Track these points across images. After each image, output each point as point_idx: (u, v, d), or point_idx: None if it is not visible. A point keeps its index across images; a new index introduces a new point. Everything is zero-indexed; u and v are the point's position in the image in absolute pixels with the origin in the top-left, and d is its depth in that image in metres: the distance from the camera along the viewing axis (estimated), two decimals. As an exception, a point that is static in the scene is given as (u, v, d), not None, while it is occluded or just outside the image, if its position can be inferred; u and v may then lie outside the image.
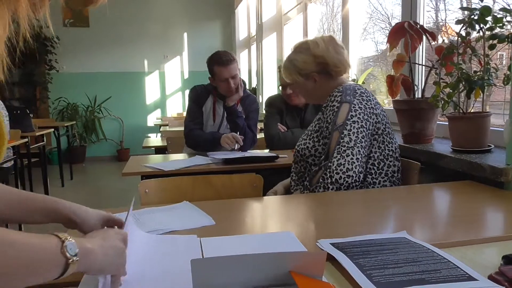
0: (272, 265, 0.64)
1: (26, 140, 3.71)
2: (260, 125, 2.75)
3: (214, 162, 1.99)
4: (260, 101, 5.41)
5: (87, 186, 5.32)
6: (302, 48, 1.63)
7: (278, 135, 2.41)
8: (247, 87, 6.54)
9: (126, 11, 6.88)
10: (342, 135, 1.40)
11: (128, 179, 1.34)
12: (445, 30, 2.72)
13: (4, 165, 3.40)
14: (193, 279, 0.62)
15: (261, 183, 1.44)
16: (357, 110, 1.43)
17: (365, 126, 1.43)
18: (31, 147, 3.98)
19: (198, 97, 2.50)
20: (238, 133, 2.31)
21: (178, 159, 2.14)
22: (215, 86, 2.48)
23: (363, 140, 1.41)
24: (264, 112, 2.62)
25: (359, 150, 1.39)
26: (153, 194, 1.39)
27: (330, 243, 0.86)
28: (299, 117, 2.52)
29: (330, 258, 0.80)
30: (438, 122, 1.90)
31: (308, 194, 1.40)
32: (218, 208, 1.17)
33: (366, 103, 1.46)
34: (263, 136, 2.55)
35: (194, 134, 2.41)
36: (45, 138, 4.57)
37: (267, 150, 2.39)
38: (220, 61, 2.36)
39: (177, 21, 7.15)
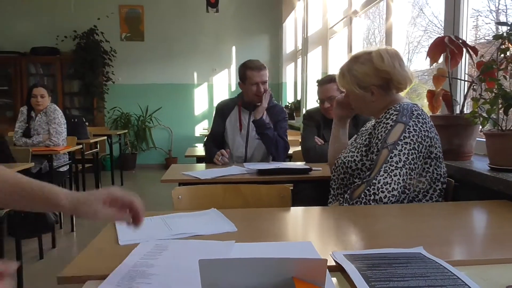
0: (276, 270, 0.68)
1: (81, 146, 3.97)
2: (298, 138, 2.78)
3: (248, 173, 2.04)
4: (303, 113, 5.44)
5: (136, 192, 5.51)
6: (364, 59, 1.56)
7: (315, 147, 2.42)
8: (292, 99, 6.60)
9: (179, 27, 7.21)
10: (392, 154, 1.37)
11: (173, 187, 1.45)
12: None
13: (60, 169, 3.66)
14: (201, 278, 0.67)
15: (289, 194, 1.47)
16: (411, 132, 1.40)
17: (417, 149, 1.40)
18: (85, 153, 4.25)
19: (222, 109, 2.62)
20: (269, 144, 2.40)
21: (216, 168, 2.22)
22: (242, 97, 2.59)
23: (412, 162, 1.39)
24: (302, 124, 2.65)
25: (406, 172, 1.38)
26: (185, 200, 1.47)
27: (344, 254, 0.88)
28: (337, 130, 2.53)
29: (341, 270, 0.82)
30: (479, 139, 1.84)
31: (337, 207, 1.41)
32: (243, 216, 1.21)
33: (421, 126, 1.42)
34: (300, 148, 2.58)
35: (206, 147, 2.59)
36: (98, 145, 4.86)
37: (303, 163, 2.41)
38: (253, 66, 2.49)
39: (227, 35, 7.37)
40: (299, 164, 2.27)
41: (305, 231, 1.16)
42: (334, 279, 0.78)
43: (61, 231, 3.71)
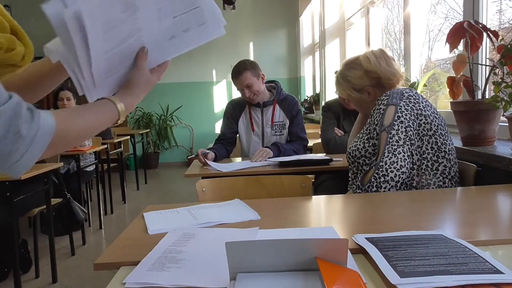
0: (299, 250, 0.71)
1: (105, 146, 4.08)
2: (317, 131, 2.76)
3: (269, 165, 2.07)
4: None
5: (159, 190, 5.68)
6: (354, 64, 1.70)
7: (335, 139, 2.43)
8: (311, 93, 6.59)
9: (196, 25, 7.26)
10: (390, 135, 1.44)
11: (196, 183, 1.50)
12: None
13: (87, 169, 3.77)
14: (228, 260, 0.70)
15: (310, 184, 1.49)
16: (403, 112, 1.47)
17: (412, 126, 1.47)
18: (110, 153, 4.36)
19: (232, 110, 2.58)
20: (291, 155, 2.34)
21: (238, 162, 2.26)
22: None
23: (412, 138, 1.46)
24: (321, 115, 2.65)
25: (409, 148, 1.44)
26: (209, 192, 1.51)
27: (365, 237, 0.90)
28: (357, 121, 2.53)
29: (363, 252, 0.84)
30: (502, 124, 1.82)
31: (359, 194, 1.43)
32: (266, 206, 1.25)
33: (413, 105, 1.50)
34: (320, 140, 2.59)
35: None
36: (122, 145, 4.98)
37: (323, 154, 2.42)
38: (232, 74, 2.47)
39: (244, 31, 7.40)
40: (320, 156, 2.29)
41: (326, 217, 1.18)
42: (356, 261, 0.81)
43: (90, 228, 3.83)
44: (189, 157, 7.30)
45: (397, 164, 1.40)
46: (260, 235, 0.95)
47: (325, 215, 1.21)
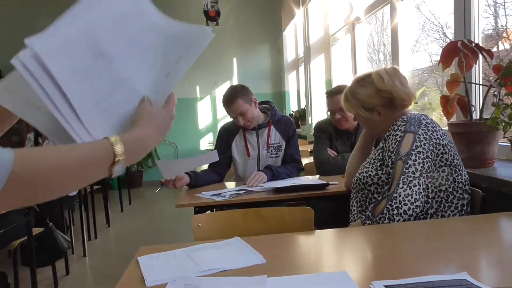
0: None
1: (89, 169, 3.93)
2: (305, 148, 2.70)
3: (264, 191, 2.00)
4: (310, 122, 5.39)
5: (145, 212, 5.51)
6: (365, 82, 1.59)
7: (328, 160, 2.38)
8: (296, 108, 6.57)
9: (178, 41, 7.21)
10: (407, 165, 1.36)
11: (190, 217, 1.42)
12: (506, 36, 2.58)
13: (70, 194, 3.62)
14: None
15: (312, 216, 1.42)
16: (422, 141, 1.40)
17: (430, 157, 1.40)
18: (93, 175, 4.21)
19: (225, 135, 2.49)
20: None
21: (231, 187, 2.18)
22: None
23: (429, 170, 1.39)
24: (313, 136, 2.60)
25: (424, 180, 1.37)
26: (206, 228, 1.42)
27: (384, 286, 0.83)
28: (349, 141, 2.48)
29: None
30: (500, 143, 1.79)
31: (365, 227, 1.35)
32: (269, 244, 1.17)
33: (431, 134, 1.43)
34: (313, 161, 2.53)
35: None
36: (106, 165, 4.82)
37: (317, 176, 2.36)
38: (224, 102, 2.39)
39: (227, 47, 7.36)
40: (314, 179, 2.22)
41: (336, 257, 1.11)
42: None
43: (73, 256, 3.66)
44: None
45: (412, 197, 1.32)
46: (270, 285, 0.87)
47: (333, 254, 1.13)
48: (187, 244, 1.18)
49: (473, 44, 1.82)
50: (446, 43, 1.91)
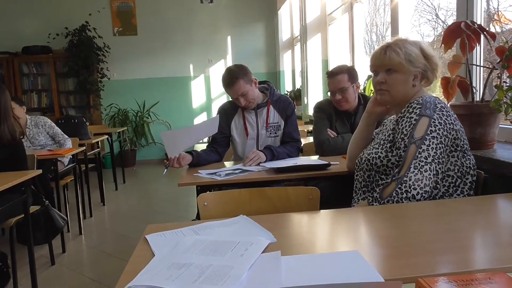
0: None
1: (84, 148, 3.90)
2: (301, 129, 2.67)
3: (263, 170, 2.01)
4: (306, 102, 5.38)
5: (139, 190, 5.52)
6: (413, 42, 1.53)
7: (328, 140, 2.38)
8: (291, 88, 6.54)
9: (172, 19, 7.09)
10: (420, 150, 1.36)
11: (195, 196, 1.41)
12: (497, 19, 2.58)
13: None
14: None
15: (318, 196, 1.43)
16: (437, 126, 1.38)
17: (444, 143, 1.39)
18: (88, 153, 4.18)
19: (224, 114, 2.45)
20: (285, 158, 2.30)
21: (229, 166, 2.17)
22: None
23: (441, 156, 1.38)
24: (313, 117, 2.59)
25: (436, 166, 1.37)
26: (212, 207, 1.42)
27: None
28: (349, 122, 2.49)
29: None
30: (500, 126, 1.81)
31: (375, 207, 1.35)
32: (276, 223, 1.17)
33: (446, 119, 1.41)
34: (313, 141, 2.54)
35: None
36: (100, 144, 4.79)
37: (316, 157, 2.37)
38: (224, 83, 2.35)
39: (221, 25, 7.26)
40: (316, 160, 2.23)
41: (345, 237, 1.12)
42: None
43: (69, 234, 3.66)
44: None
45: (421, 183, 1.32)
46: (286, 263, 0.88)
47: (342, 234, 1.14)
48: (193, 224, 1.19)
49: (476, 26, 1.82)
50: (439, 25, 1.90)
